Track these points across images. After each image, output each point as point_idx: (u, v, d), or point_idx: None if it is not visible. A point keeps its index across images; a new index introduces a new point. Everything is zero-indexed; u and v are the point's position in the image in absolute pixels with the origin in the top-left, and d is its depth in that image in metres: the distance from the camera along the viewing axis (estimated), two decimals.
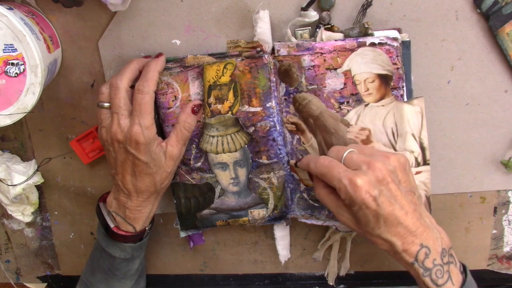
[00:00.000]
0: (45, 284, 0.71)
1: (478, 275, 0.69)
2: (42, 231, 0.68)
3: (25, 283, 0.71)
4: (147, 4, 0.55)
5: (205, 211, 0.61)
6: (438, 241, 0.48)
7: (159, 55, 0.54)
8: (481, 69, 0.57)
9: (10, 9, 0.49)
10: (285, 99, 0.56)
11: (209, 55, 0.55)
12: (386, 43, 0.52)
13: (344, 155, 0.48)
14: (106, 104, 0.52)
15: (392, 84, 0.54)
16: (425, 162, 0.55)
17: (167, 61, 0.55)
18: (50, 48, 0.53)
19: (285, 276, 0.69)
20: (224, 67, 0.54)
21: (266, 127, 0.56)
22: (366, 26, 0.53)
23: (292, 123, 0.57)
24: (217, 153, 0.58)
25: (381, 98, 0.54)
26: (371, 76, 0.54)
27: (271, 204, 0.60)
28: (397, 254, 0.48)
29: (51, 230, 0.67)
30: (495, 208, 0.64)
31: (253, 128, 0.56)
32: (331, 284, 0.67)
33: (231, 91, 0.55)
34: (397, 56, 0.53)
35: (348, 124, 0.55)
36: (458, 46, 0.56)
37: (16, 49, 0.48)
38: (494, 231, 0.66)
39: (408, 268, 0.49)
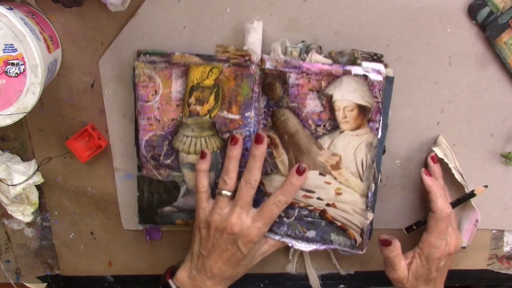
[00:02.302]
0: (45, 284, 0.71)
1: (478, 275, 0.69)
2: (42, 231, 0.68)
3: (25, 283, 0.71)
4: (150, 28, 0.55)
5: (167, 208, 0.61)
6: None
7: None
8: (469, 113, 0.59)
9: (10, 9, 0.49)
10: (264, 111, 0.56)
11: (197, 55, 0.55)
12: (370, 76, 0.53)
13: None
14: (229, 194, 0.56)
15: (369, 116, 0.54)
16: None
17: (153, 54, 0.55)
18: (50, 48, 0.53)
19: (285, 276, 0.69)
20: (210, 70, 0.55)
21: (241, 135, 0.56)
22: (356, 56, 0.53)
23: (267, 136, 0.57)
24: (188, 153, 0.58)
25: (357, 127, 0.55)
26: (351, 105, 0.54)
27: None
28: None
29: (51, 230, 0.67)
30: None
31: (228, 134, 0.57)
32: None
33: (213, 95, 0.55)
34: (379, 90, 0.53)
35: (321, 147, 0.56)
36: (449, 90, 0.58)
37: (16, 49, 0.48)
38: (494, 231, 0.66)
39: None
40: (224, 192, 0.56)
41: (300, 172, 0.55)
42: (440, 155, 0.58)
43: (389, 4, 0.54)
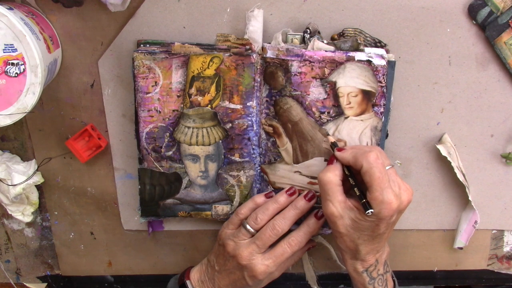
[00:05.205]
0: (45, 284, 0.71)
1: (478, 275, 0.69)
2: (42, 231, 0.68)
3: (25, 283, 0.71)
4: (150, 28, 0.55)
5: (169, 200, 0.61)
6: (384, 254, 0.56)
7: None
8: (469, 113, 0.59)
9: (10, 9, 0.49)
10: (266, 100, 0.56)
11: (197, 45, 0.55)
12: (373, 61, 0.53)
13: (387, 168, 0.51)
14: (252, 230, 0.56)
15: (374, 100, 0.55)
16: None
17: (153, 43, 0.55)
18: (50, 48, 0.53)
19: (285, 276, 0.69)
20: (211, 60, 0.54)
21: (243, 125, 0.57)
22: (359, 41, 0.54)
23: (270, 125, 0.57)
24: (190, 144, 0.58)
25: (362, 113, 0.56)
26: (355, 91, 0.55)
27: (236, 202, 0.60)
28: (353, 259, 0.54)
29: (51, 230, 0.67)
30: None
31: (230, 124, 0.57)
32: (315, 287, 0.67)
33: (214, 85, 0.55)
34: (383, 75, 0.54)
35: (325, 134, 0.57)
36: (449, 90, 0.58)
37: (16, 49, 0.48)
38: (494, 231, 0.66)
39: (353, 274, 0.55)
40: (248, 227, 0.56)
41: (318, 217, 0.57)
42: (444, 153, 0.58)
43: (389, 4, 0.54)
